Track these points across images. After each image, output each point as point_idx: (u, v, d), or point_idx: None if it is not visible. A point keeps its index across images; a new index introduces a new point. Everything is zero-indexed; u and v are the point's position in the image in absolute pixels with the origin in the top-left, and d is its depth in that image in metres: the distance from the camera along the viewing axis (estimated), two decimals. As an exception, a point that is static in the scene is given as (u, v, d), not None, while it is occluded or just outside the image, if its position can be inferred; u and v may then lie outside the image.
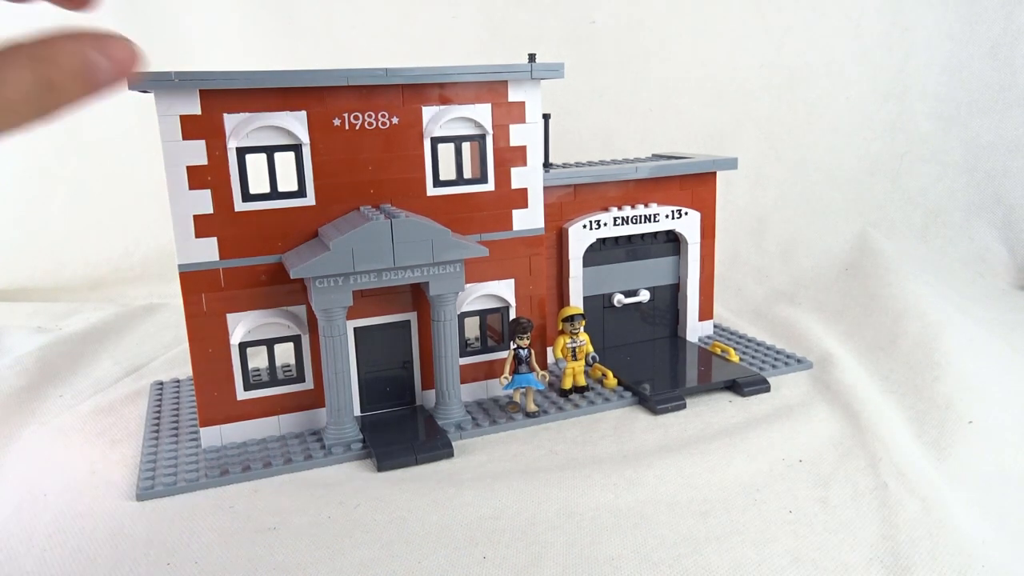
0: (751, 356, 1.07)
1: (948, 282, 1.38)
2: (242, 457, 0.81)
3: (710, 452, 0.80)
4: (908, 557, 0.61)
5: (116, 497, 0.75)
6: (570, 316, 0.94)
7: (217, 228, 0.80)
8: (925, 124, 1.68)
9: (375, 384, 0.90)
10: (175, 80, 0.74)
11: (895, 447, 0.79)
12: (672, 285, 1.15)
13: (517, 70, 0.86)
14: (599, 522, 0.68)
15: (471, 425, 0.87)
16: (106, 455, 0.84)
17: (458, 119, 0.86)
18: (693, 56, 1.66)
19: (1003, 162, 1.61)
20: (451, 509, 0.70)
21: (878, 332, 1.12)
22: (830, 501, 0.70)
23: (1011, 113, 1.61)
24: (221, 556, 0.64)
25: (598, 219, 1.04)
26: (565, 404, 0.93)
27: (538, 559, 0.63)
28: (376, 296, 0.87)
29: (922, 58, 1.67)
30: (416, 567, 0.62)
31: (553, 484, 0.74)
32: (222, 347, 0.82)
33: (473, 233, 0.89)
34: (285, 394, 0.86)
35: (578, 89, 1.25)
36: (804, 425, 0.86)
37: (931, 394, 0.91)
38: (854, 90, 1.68)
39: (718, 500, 0.71)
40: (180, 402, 0.97)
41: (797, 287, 1.40)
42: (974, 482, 0.73)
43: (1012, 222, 1.55)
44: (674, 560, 0.62)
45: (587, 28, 1.64)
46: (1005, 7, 1.60)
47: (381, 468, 0.78)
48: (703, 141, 1.54)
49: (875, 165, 1.68)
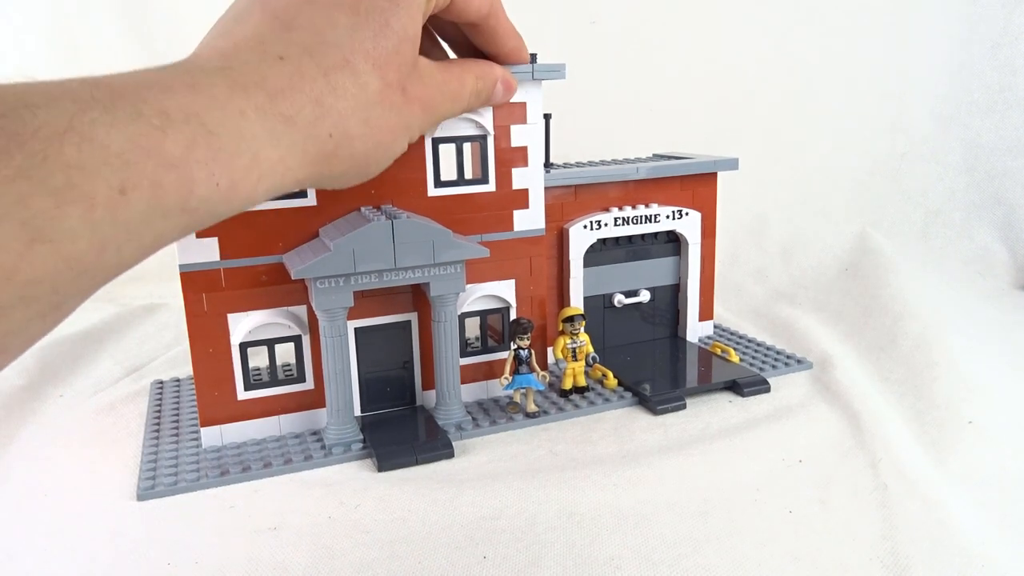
0: (751, 356, 1.07)
1: (948, 282, 1.38)
2: (242, 457, 0.81)
3: (710, 452, 0.80)
4: (908, 557, 0.61)
5: (116, 497, 0.75)
6: (570, 316, 0.94)
7: (218, 228, 0.79)
8: (925, 124, 1.68)
9: (375, 384, 0.90)
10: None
11: (895, 447, 0.79)
12: (672, 285, 1.15)
13: (518, 71, 0.86)
14: (599, 522, 0.68)
15: (471, 425, 0.87)
16: (106, 455, 0.84)
17: (459, 119, 0.86)
18: (693, 56, 1.66)
19: (1003, 162, 1.61)
20: (451, 509, 0.70)
21: (878, 332, 1.12)
22: (830, 501, 0.70)
23: (1011, 113, 1.61)
24: (221, 556, 0.64)
25: (599, 219, 1.04)
26: (565, 404, 0.93)
27: (538, 559, 0.63)
28: (377, 296, 0.87)
29: (922, 58, 1.67)
30: (416, 567, 0.62)
31: (553, 484, 0.74)
32: (223, 347, 0.82)
33: (474, 234, 0.89)
34: (285, 394, 0.86)
35: (578, 89, 1.24)
36: (804, 425, 0.86)
37: (931, 394, 0.91)
38: (854, 90, 1.68)
39: (718, 500, 0.71)
40: (180, 402, 0.97)
41: (797, 287, 1.40)
42: (974, 482, 0.73)
43: (1012, 222, 1.55)
44: (674, 560, 0.62)
45: (587, 28, 1.64)
46: (1005, 7, 1.60)
47: (381, 468, 0.78)
48: (703, 141, 1.54)
49: (875, 165, 1.68)
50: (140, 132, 0.34)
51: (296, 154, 0.44)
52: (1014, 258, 1.50)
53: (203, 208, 0.38)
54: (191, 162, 0.36)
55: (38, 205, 0.29)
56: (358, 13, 0.48)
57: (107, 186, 0.32)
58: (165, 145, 0.35)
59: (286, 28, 0.46)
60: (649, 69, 1.65)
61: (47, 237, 0.30)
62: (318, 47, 0.46)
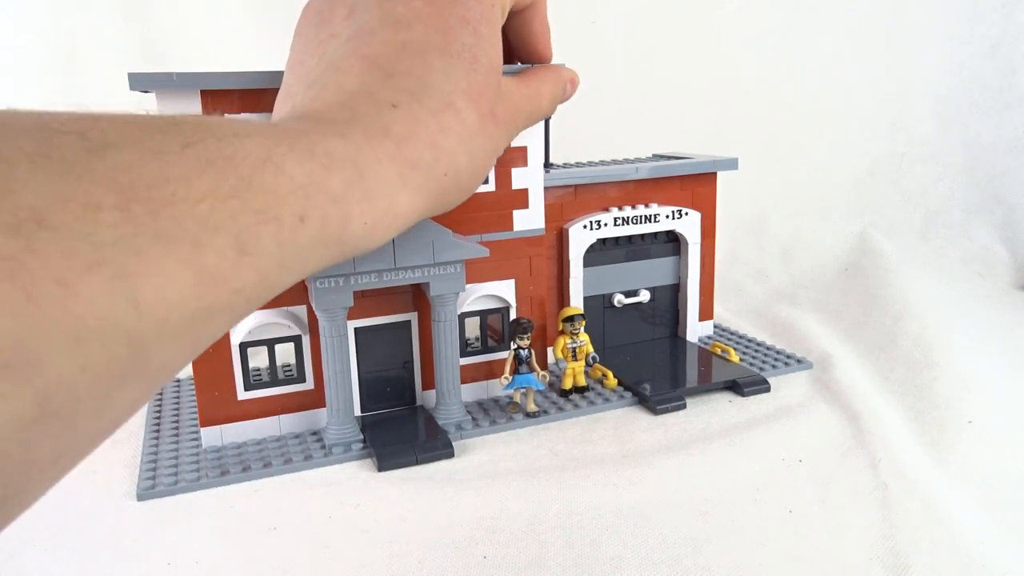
0: (751, 356, 1.07)
1: (948, 282, 1.38)
2: (242, 457, 0.81)
3: (710, 452, 0.80)
4: (908, 557, 0.61)
5: (116, 497, 0.75)
6: (570, 316, 0.94)
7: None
8: (925, 124, 1.68)
9: (375, 384, 0.90)
10: (176, 80, 0.74)
11: (895, 447, 0.79)
12: (672, 285, 1.15)
13: (518, 71, 0.86)
14: (599, 522, 0.68)
15: (471, 425, 0.87)
16: (106, 455, 0.84)
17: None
18: (693, 56, 1.66)
19: (1003, 162, 1.61)
20: (451, 509, 0.70)
21: (878, 332, 1.12)
22: (830, 501, 0.70)
23: (1011, 113, 1.61)
24: (221, 556, 0.64)
25: (598, 219, 1.04)
26: (565, 404, 0.93)
27: (538, 559, 0.63)
28: (376, 296, 0.87)
29: (922, 58, 1.67)
30: (416, 567, 0.62)
31: (553, 484, 0.74)
32: (223, 347, 0.82)
33: (474, 233, 0.89)
34: (285, 394, 0.86)
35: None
36: (804, 425, 0.86)
37: (931, 394, 0.91)
38: (854, 90, 1.68)
39: (718, 500, 0.71)
40: (180, 402, 0.97)
41: (797, 287, 1.40)
42: (974, 482, 0.73)
43: (1012, 222, 1.55)
44: (674, 560, 0.62)
45: (587, 28, 1.64)
46: (1005, 7, 1.60)
47: (381, 468, 0.78)
48: (703, 141, 1.54)
49: (875, 165, 1.68)
50: (314, 169, 0.38)
51: (421, 195, 0.48)
52: (1014, 258, 1.50)
53: (352, 243, 0.42)
54: (351, 200, 0.41)
55: (245, 221, 0.33)
56: (451, 55, 0.51)
57: (291, 212, 0.36)
58: (332, 183, 0.39)
59: (388, 76, 0.49)
60: (649, 69, 1.65)
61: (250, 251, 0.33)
62: (423, 92, 0.49)
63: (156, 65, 1.44)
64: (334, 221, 0.39)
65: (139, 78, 0.73)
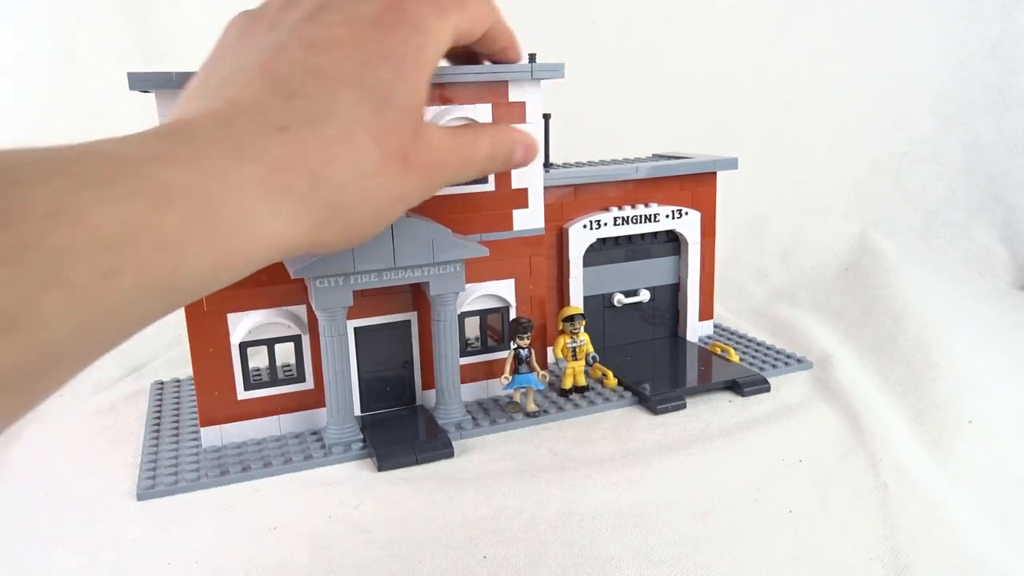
0: (751, 356, 1.07)
1: (948, 282, 1.38)
2: (242, 457, 0.81)
3: (710, 452, 0.80)
4: (908, 557, 0.61)
5: (116, 497, 0.75)
6: (570, 316, 0.94)
7: (217, 228, 0.79)
8: (925, 124, 1.68)
9: (375, 384, 0.90)
10: (175, 80, 0.74)
11: (895, 447, 0.79)
12: (672, 285, 1.15)
13: (517, 70, 0.86)
14: (599, 522, 0.68)
15: (471, 425, 0.87)
16: (106, 455, 0.84)
17: (459, 119, 0.86)
18: (693, 56, 1.66)
19: (1003, 162, 1.61)
20: (451, 509, 0.70)
21: (878, 332, 1.12)
22: (830, 501, 0.70)
23: (1011, 113, 1.61)
24: (221, 556, 0.64)
25: (598, 219, 1.04)
26: (565, 404, 0.93)
27: (538, 559, 0.63)
28: (376, 296, 0.87)
29: (922, 58, 1.67)
30: (416, 567, 0.62)
31: (553, 484, 0.74)
32: (222, 347, 0.82)
33: (473, 233, 0.89)
34: (285, 394, 0.86)
35: (578, 89, 1.24)
36: (804, 425, 0.86)
37: (931, 394, 0.91)
38: (854, 90, 1.68)
39: (718, 500, 0.71)
40: (180, 402, 0.97)
41: (797, 287, 1.40)
42: (974, 482, 0.73)
43: (1012, 222, 1.55)
44: (674, 560, 0.62)
45: (587, 28, 1.64)
46: (1005, 7, 1.60)
47: (381, 468, 0.78)
48: (703, 141, 1.54)
49: (875, 165, 1.68)
50: (137, 210, 0.34)
51: (292, 225, 0.44)
52: (1014, 258, 1.50)
53: (191, 288, 0.37)
54: (187, 241, 0.36)
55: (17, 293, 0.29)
56: (361, 88, 0.48)
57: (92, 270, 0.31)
58: (163, 223, 0.35)
59: (288, 97, 0.46)
60: (649, 69, 1.65)
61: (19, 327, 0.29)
62: (320, 119, 0.46)
63: (155, 65, 1.44)
64: (160, 268, 0.35)
65: (138, 78, 0.73)
